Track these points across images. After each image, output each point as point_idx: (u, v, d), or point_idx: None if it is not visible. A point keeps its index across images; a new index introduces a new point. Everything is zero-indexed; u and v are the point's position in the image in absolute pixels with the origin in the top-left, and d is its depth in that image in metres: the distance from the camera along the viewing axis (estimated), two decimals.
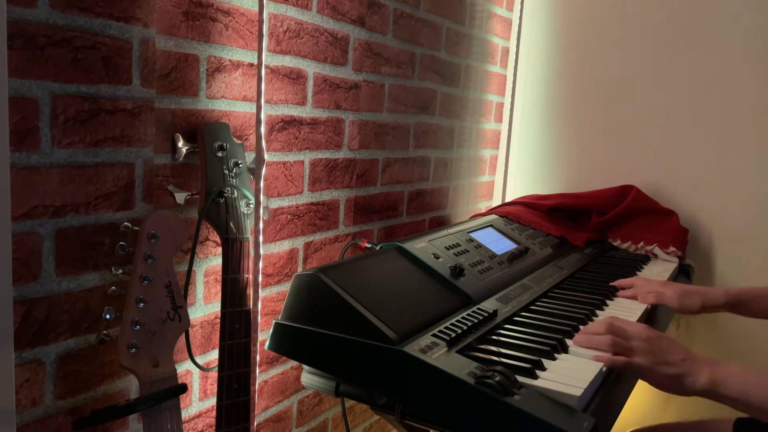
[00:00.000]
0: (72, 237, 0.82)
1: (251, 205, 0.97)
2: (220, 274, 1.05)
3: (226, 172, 0.95)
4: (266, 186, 1.13)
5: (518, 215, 1.64)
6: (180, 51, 0.93)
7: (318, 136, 1.24)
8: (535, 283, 1.27)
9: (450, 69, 1.69)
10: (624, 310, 1.17)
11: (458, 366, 0.82)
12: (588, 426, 0.73)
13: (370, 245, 1.26)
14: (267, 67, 1.10)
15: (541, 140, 2.01)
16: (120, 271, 0.85)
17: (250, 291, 0.95)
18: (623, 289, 1.29)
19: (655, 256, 1.68)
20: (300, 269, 1.24)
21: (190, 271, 0.95)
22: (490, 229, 1.45)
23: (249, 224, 0.97)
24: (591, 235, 1.72)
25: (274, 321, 0.97)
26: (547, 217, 1.72)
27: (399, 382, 0.84)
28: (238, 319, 0.92)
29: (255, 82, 1.07)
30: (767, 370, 0.86)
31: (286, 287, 1.21)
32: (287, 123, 1.16)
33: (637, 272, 1.49)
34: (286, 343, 0.95)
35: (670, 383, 0.88)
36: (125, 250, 0.84)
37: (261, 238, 0.95)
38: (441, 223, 1.78)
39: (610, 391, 0.87)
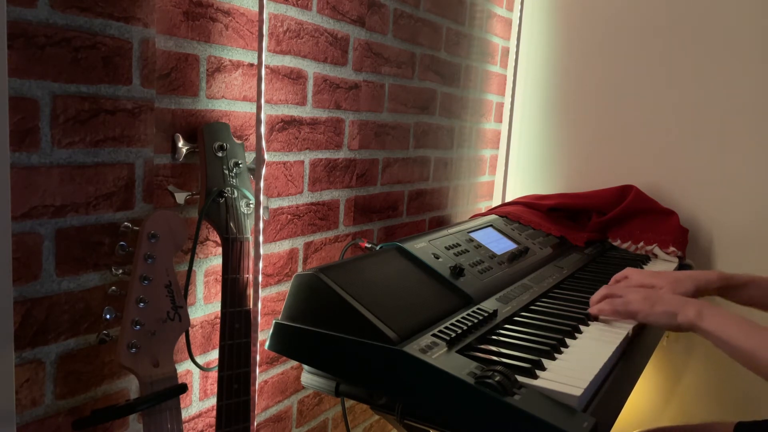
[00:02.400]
0: (72, 237, 0.82)
1: (251, 205, 0.97)
2: (220, 274, 1.05)
3: (226, 172, 0.95)
4: (266, 186, 1.13)
5: (518, 215, 1.64)
6: (180, 51, 0.93)
7: (318, 136, 1.24)
8: (535, 283, 1.27)
9: (450, 69, 1.69)
10: None
11: (458, 366, 0.82)
12: (588, 426, 0.73)
13: (370, 245, 1.26)
14: (267, 67, 1.10)
15: (541, 140, 2.01)
16: (120, 271, 0.85)
17: (250, 291, 0.95)
18: (617, 282, 1.30)
19: (655, 256, 1.68)
20: (300, 269, 1.24)
21: (190, 271, 0.95)
22: (490, 229, 1.45)
23: (249, 224, 0.97)
24: (591, 235, 1.72)
25: (274, 321, 0.97)
26: (547, 217, 1.72)
27: (399, 382, 0.84)
28: (238, 319, 0.93)
29: (255, 82, 1.07)
30: (749, 319, 0.97)
31: (286, 287, 1.21)
32: (287, 123, 1.16)
33: None
34: (286, 343, 0.95)
35: (666, 319, 1.00)
36: (125, 250, 0.84)
37: (261, 238, 0.95)
38: (441, 223, 1.78)
39: (610, 391, 0.87)
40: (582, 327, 1.04)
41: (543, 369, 0.85)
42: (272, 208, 1.15)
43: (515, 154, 2.06)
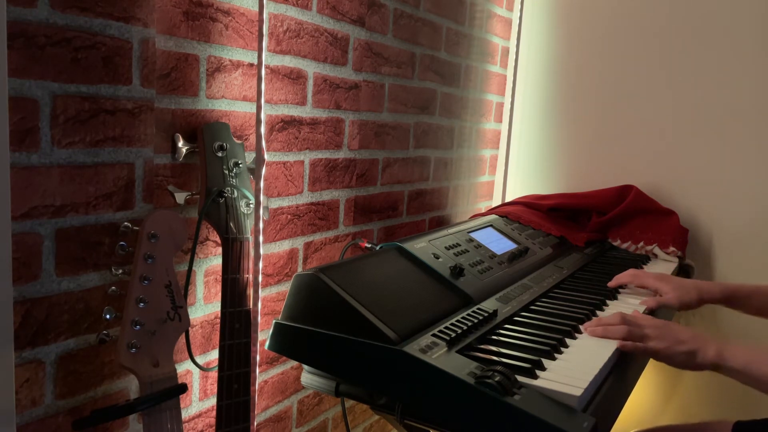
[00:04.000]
0: (72, 237, 0.82)
1: (251, 205, 0.97)
2: (220, 274, 1.05)
3: (226, 172, 0.95)
4: (266, 186, 1.13)
5: (518, 215, 1.64)
6: (180, 51, 0.93)
7: (318, 136, 1.24)
8: (535, 283, 1.27)
9: (450, 69, 1.69)
10: (627, 307, 1.17)
11: (458, 366, 0.82)
12: (588, 426, 0.73)
13: (370, 245, 1.26)
14: (267, 67, 1.10)
15: (541, 140, 2.01)
16: (120, 271, 0.85)
17: (250, 291, 0.95)
18: (621, 286, 1.30)
19: (655, 256, 1.68)
20: (300, 269, 1.24)
21: (190, 271, 0.95)
22: (490, 229, 1.45)
23: (249, 224, 0.97)
24: (591, 235, 1.72)
25: (274, 321, 0.97)
26: (547, 217, 1.72)
27: (399, 382, 0.84)
28: (238, 319, 0.93)
29: (255, 82, 1.07)
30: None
31: (286, 287, 1.21)
32: (287, 123, 1.16)
33: None
34: (286, 343, 0.95)
35: (684, 360, 0.97)
36: (125, 250, 0.84)
37: (261, 238, 0.95)
38: (441, 223, 1.78)
39: (610, 391, 0.87)
40: (582, 327, 1.04)
41: (543, 369, 0.85)
42: (272, 208, 1.15)
43: (515, 154, 2.06)
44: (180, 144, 0.94)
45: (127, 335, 0.82)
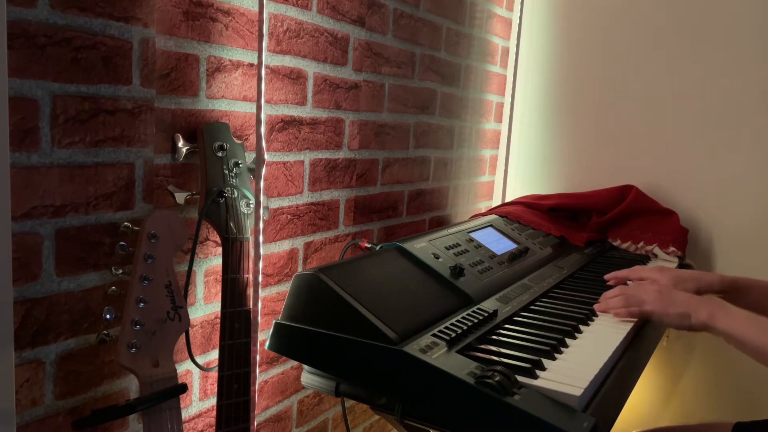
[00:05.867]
0: (72, 237, 0.82)
1: (251, 205, 0.97)
2: (220, 274, 1.05)
3: (226, 172, 0.95)
4: (266, 186, 1.13)
5: (518, 215, 1.64)
6: (180, 51, 0.93)
7: (318, 136, 1.24)
8: (535, 283, 1.27)
9: (450, 69, 1.69)
10: None
11: (458, 366, 0.82)
12: (588, 426, 0.73)
13: (370, 245, 1.26)
14: (267, 67, 1.10)
15: (541, 140, 2.01)
16: (120, 271, 0.85)
17: (250, 291, 0.95)
18: (619, 279, 1.31)
19: (655, 256, 1.68)
20: (300, 269, 1.24)
21: (190, 271, 0.95)
22: (490, 229, 1.45)
23: (249, 224, 0.97)
24: (591, 235, 1.72)
25: (274, 321, 0.97)
26: (547, 217, 1.72)
27: (399, 382, 0.84)
28: (238, 319, 0.93)
29: (255, 82, 1.07)
30: (760, 316, 1.01)
31: (286, 287, 1.21)
32: (287, 123, 1.16)
33: None
34: (286, 343, 0.95)
35: (678, 321, 1.03)
36: (125, 250, 0.84)
37: (261, 238, 0.95)
38: (441, 223, 1.78)
39: (610, 390, 0.87)
40: (582, 327, 1.04)
41: (543, 369, 0.85)
42: (272, 208, 1.15)
43: (515, 154, 2.06)
44: (180, 144, 0.94)
45: (127, 335, 0.82)
